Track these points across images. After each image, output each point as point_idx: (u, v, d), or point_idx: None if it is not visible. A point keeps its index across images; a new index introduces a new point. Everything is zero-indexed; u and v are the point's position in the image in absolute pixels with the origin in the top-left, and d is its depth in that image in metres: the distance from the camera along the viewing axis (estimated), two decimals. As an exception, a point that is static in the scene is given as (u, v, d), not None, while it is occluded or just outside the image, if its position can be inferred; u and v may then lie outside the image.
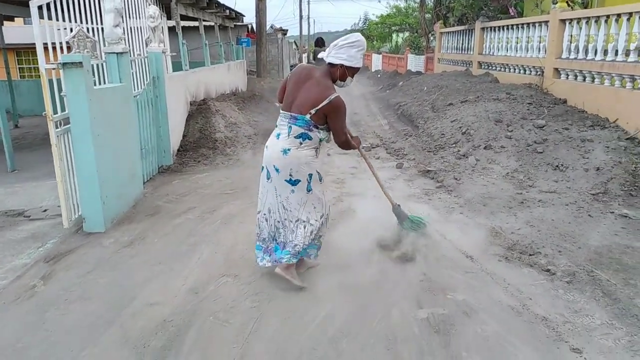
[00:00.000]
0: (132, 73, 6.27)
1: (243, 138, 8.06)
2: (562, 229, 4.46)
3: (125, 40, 6.04)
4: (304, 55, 50.74)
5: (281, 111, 3.42)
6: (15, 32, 14.65)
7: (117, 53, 5.32)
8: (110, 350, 2.84)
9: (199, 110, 8.20)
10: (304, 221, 3.40)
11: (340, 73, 3.34)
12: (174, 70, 8.37)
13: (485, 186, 5.78)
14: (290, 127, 3.31)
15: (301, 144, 3.31)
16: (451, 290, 3.44)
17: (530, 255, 3.94)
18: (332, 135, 3.42)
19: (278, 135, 3.38)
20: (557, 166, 5.93)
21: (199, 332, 2.99)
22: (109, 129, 4.86)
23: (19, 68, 17.07)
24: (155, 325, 3.06)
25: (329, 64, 3.36)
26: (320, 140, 3.40)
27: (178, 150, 7.46)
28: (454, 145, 7.20)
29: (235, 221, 4.90)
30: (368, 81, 24.78)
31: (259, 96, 12.15)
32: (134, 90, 6.19)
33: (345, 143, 3.44)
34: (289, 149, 3.30)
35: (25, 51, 16.36)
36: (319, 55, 3.47)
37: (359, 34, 3.44)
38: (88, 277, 3.78)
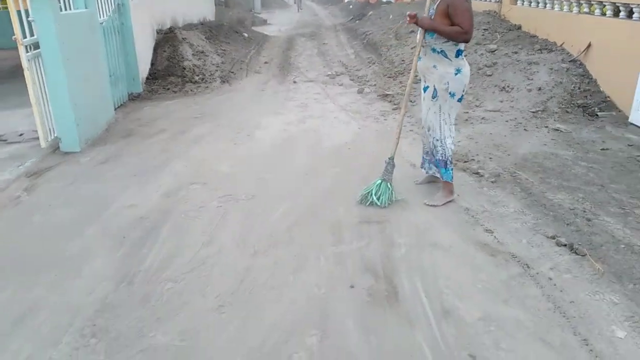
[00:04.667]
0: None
1: (211, 66, 8.26)
2: (497, 140, 4.99)
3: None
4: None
5: None
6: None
7: (80, -22, 5.41)
8: (94, 240, 3.29)
9: (166, 38, 8.30)
10: None
11: None
12: (138, -2, 8.36)
13: (437, 107, 6.23)
14: None
15: None
16: (394, 192, 3.94)
17: (464, 162, 4.47)
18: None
19: None
20: (503, 87, 6.40)
21: (172, 226, 3.46)
22: (78, 54, 5.07)
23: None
24: (132, 221, 3.51)
25: None
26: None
27: (147, 78, 7.65)
28: (412, 70, 7.56)
29: (204, 141, 5.29)
30: (340, 12, 24.51)
31: (227, 26, 12.12)
32: (100, 17, 6.30)
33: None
34: None
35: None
36: None
37: None
38: (69, 188, 4.17)
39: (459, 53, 3.49)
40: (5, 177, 4.40)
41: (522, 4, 8.27)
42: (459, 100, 3.60)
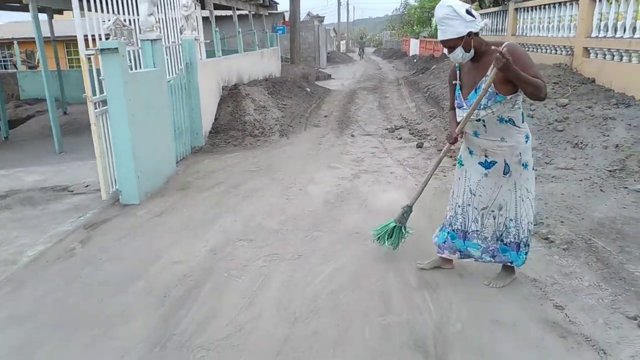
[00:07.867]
0: (167, 59, 6.70)
1: (271, 120, 8.40)
2: (569, 202, 4.56)
3: (159, 28, 6.46)
4: (342, 42, 50.75)
5: None
6: (64, 24, 15.47)
7: (151, 40, 5.73)
8: (137, 298, 3.24)
9: (230, 94, 8.60)
10: None
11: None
12: (208, 57, 8.79)
13: (502, 163, 5.89)
14: None
15: None
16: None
17: (533, 225, 4.08)
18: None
19: None
20: (576, 144, 5.96)
21: (214, 285, 3.35)
22: (144, 111, 5.28)
23: (68, 59, 18.01)
24: (176, 279, 3.44)
25: None
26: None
27: (210, 132, 7.89)
28: (475, 125, 7.29)
29: (257, 195, 5.25)
30: (404, 66, 24.72)
31: (291, 81, 12.46)
32: (168, 75, 6.62)
33: None
34: None
35: (74, 42, 17.26)
36: None
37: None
38: (121, 241, 4.21)
39: (524, 117, 3.06)
40: (65, 229, 4.54)
41: (596, 57, 7.85)
42: (533, 168, 3.14)
